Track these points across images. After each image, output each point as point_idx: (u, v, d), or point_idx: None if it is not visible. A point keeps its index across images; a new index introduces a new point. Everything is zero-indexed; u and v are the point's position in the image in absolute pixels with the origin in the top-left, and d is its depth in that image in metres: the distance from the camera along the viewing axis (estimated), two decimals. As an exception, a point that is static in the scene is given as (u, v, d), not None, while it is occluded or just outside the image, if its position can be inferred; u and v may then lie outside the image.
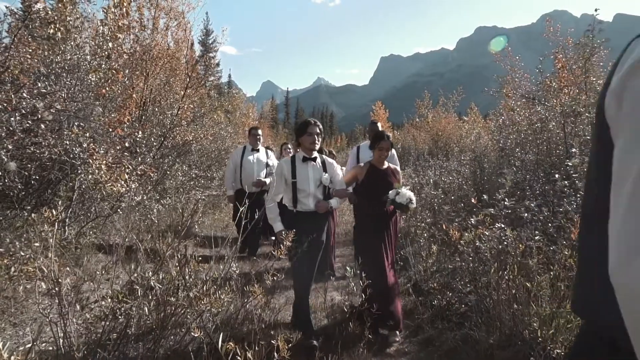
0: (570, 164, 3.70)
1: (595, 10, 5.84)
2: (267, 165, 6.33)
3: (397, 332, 3.67)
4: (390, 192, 3.74)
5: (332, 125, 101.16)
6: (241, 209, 3.15)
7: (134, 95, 7.17)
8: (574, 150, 4.28)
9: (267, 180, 6.07)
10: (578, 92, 6.24)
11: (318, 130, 3.64)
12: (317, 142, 3.62)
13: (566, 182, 3.74)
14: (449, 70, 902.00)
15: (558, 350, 2.77)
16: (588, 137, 4.91)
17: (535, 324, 2.95)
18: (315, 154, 3.72)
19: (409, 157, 14.50)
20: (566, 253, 3.22)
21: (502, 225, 3.38)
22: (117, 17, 6.19)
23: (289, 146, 7.59)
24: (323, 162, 3.79)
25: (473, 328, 3.44)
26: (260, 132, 6.43)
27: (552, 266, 3.30)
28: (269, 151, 6.51)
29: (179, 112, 7.73)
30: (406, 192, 3.68)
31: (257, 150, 6.30)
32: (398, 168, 4.18)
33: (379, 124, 5.35)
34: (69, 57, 4.77)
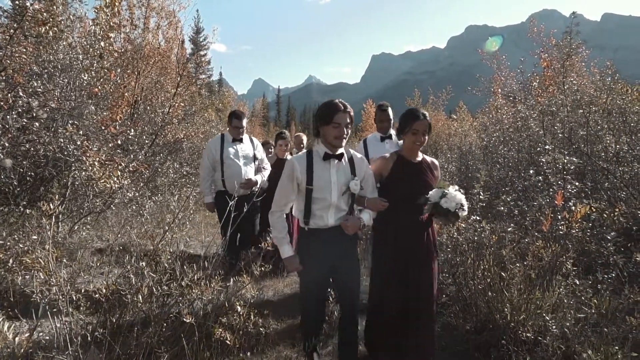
0: (543, 160, 3.91)
1: (573, 13, 6.06)
2: (255, 158, 4.92)
3: None
4: (431, 193, 2.84)
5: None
6: (229, 213, 2.98)
7: (126, 94, 7.27)
8: (547, 147, 4.49)
9: (258, 179, 4.83)
10: (557, 91, 6.48)
11: (349, 120, 2.61)
12: (345, 135, 2.61)
13: (540, 177, 3.94)
14: (440, 68, 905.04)
15: (528, 334, 2.97)
16: (562, 135, 5.12)
17: (507, 310, 3.15)
18: (342, 149, 2.69)
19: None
20: (538, 244, 3.42)
21: (478, 218, 3.55)
22: (109, 17, 6.29)
23: (284, 141, 5.75)
24: (351, 160, 2.75)
25: (451, 315, 3.64)
26: (244, 122, 4.83)
27: (526, 256, 3.49)
28: (254, 140, 5.05)
29: (170, 111, 7.84)
30: (456, 194, 2.76)
31: (240, 141, 4.79)
32: (436, 161, 3.12)
33: (390, 110, 4.39)
34: (61, 56, 4.88)
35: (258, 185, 4.77)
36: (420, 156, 2.99)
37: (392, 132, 4.31)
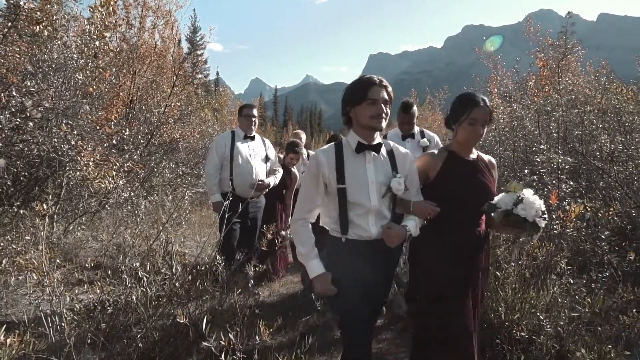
0: (538, 159, 3.93)
1: (569, 13, 6.09)
2: (267, 158, 4.56)
3: None
4: (501, 197, 2.23)
5: (321, 123, 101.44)
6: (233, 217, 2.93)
7: (121, 94, 7.25)
8: (542, 147, 4.50)
9: (271, 181, 4.48)
10: (552, 91, 6.50)
11: (387, 96, 2.09)
12: (384, 117, 2.07)
13: (535, 176, 3.95)
14: (437, 68, 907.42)
15: (522, 333, 2.97)
16: (557, 135, 5.14)
17: (501, 309, 3.15)
18: (379, 137, 2.17)
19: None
20: (533, 244, 3.43)
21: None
22: (104, 16, 6.27)
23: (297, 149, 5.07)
24: (391, 154, 2.21)
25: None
26: (255, 112, 4.52)
27: (521, 256, 3.50)
28: (266, 140, 4.69)
29: (166, 110, 7.83)
30: (534, 200, 2.18)
31: (252, 138, 4.45)
32: (493, 160, 2.50)
33: (415, 109, 3.99)
34: (55, 55, 4.86)
35: (268, 188, 4.49)
36: (474, 153, 2.38)
37: (416, 129, 4.13)
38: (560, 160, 4.02)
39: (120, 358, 2.63)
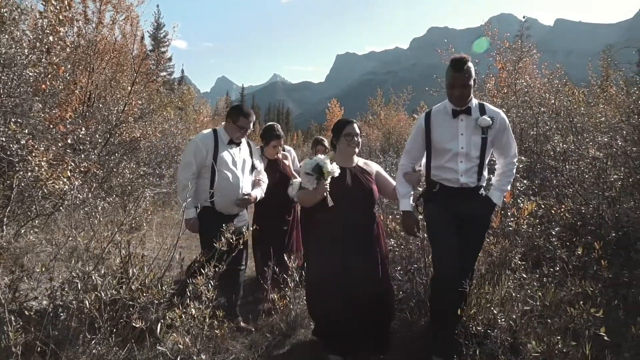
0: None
1: (524, 17, 6.32)
2: (253, 167, 3.90)
3: None
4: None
5: (288, 122, 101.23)
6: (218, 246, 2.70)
7: (77, 91, 6.98)
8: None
9: (257, 194, 3.87)
10: (509, 92, 6.73)
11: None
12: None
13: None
14: (402, 68, 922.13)
15: (478, 328, 3.06)
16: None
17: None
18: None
19: (362, 153, 14.98)
20: (488, 240, 3.54)
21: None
22: (58, 10, 6.01)
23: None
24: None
25: (407, 312, 3.71)
26: (252, 124, 3.72)
27: (491, 255, 3.59)
28: (251, 144, 3.96)
29: (126, 109, 7.59)
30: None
31: (238, 144, 3.72)
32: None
33: (471, 67, 2.87)
34: (4, 50, 4.62)
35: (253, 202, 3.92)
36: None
37: (474, 102, 3.03)
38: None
39: (73, 365, 2.54)
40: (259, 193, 3.89)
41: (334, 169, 3.05)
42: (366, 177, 3.25)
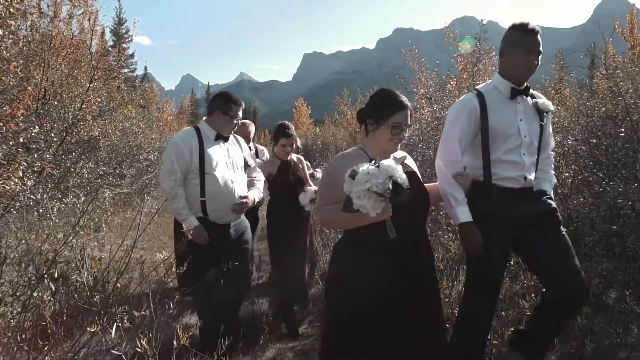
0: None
1: (482, 20, 6.54)
2: (246, 165, 3.32)
3: None
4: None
5: (256, 121, 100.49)
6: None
7: (30, 88, 6.68)
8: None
9: (255, 196, 3.25)
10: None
11: None
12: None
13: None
14: (369, 69, 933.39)
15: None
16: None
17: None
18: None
19: (328, 153, 15.11)
20: (448, 237, 3.65)
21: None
22: (8, 3, 5.74)
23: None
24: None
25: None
26: (241, 112, 3.11)
27: (450, 251, 3.69)
28: (239, 138, 3.33)
29: (83, 106, 7.33)
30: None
31: (225, 139, 3.10)
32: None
33: (538, 35, 2.43)
34: (-52, 44, 4.37)
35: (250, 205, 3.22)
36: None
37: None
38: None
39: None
40: (256, 195, 3.25)
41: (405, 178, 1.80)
42: (416, 180, 2.16)
